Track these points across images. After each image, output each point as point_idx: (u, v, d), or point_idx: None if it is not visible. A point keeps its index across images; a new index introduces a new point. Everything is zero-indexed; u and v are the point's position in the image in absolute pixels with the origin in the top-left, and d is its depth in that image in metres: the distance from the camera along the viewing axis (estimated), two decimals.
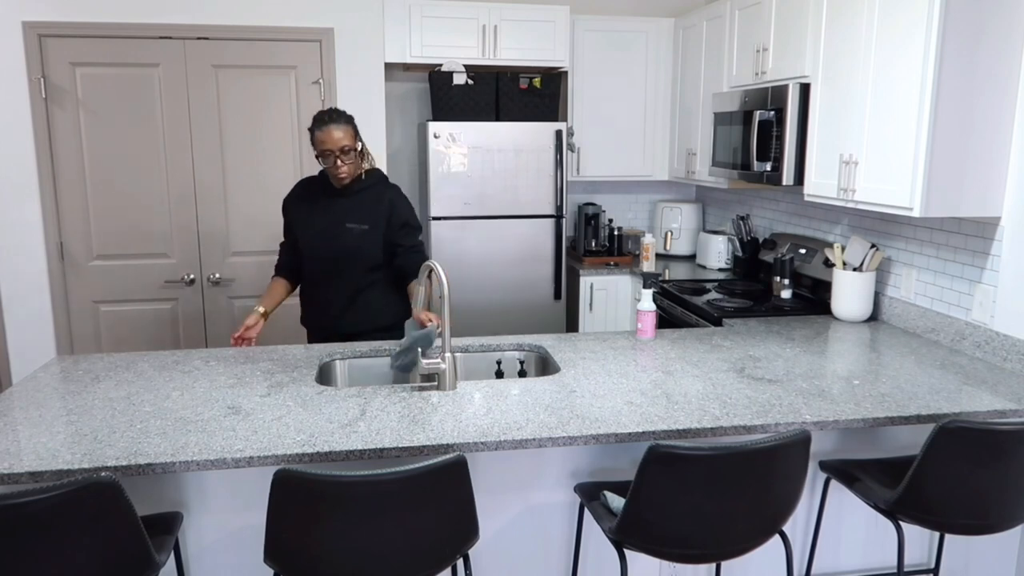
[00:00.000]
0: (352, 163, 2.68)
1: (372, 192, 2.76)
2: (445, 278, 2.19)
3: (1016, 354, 2.40)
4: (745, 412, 2.01)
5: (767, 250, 3.81)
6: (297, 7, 3.73)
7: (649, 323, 2.71)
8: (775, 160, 3.15)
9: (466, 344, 2.66)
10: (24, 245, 3.66)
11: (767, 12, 3.35)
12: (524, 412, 2.00)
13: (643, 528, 1.73)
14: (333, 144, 2.62)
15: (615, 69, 4.41)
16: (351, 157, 2.66)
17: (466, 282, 4.12)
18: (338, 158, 2.64)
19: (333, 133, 2.61)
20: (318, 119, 2.64)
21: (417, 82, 4.50)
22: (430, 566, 1.63)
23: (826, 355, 2.55)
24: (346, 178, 2.69)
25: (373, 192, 2.76)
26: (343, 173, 2.67)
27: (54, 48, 3.57)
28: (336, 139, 2.62)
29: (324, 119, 2.63)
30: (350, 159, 2.66)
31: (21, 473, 1.66)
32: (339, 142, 2.62)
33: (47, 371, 2.37)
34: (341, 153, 2.64)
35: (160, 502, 2.00)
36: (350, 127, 2.66)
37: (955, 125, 2.39)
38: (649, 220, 4.97)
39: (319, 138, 2.62)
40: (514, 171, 4.06)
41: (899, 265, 2.97)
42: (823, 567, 2.40)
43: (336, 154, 2.63)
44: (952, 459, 1.82)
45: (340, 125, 2.63)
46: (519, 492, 2.16)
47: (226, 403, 2.07)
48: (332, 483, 1.50)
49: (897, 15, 2.50)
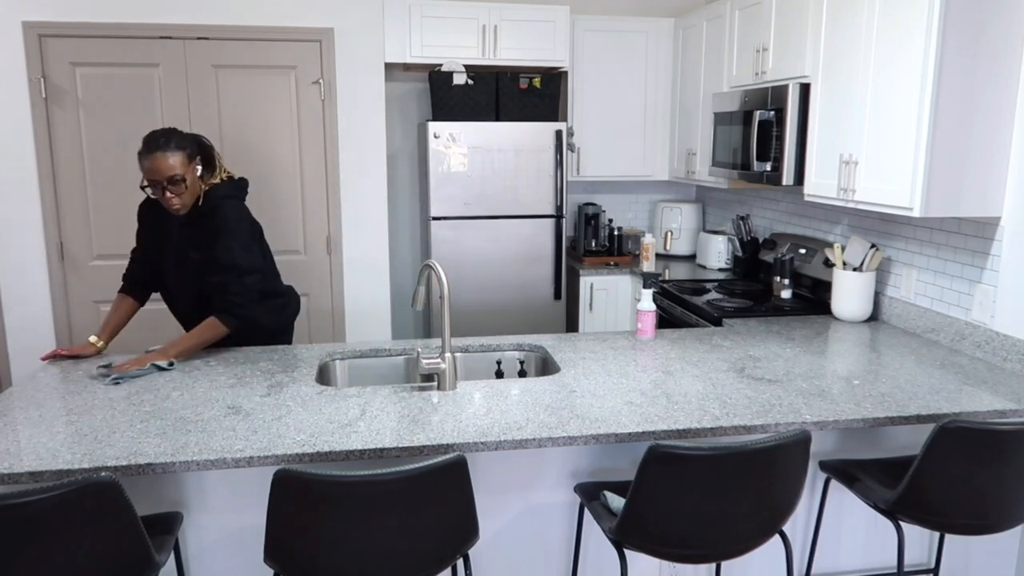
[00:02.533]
0: (183, 194, 2.38)
1: (208, 219, 2.46)
2: (445, 278, 2.19)
3: (1016, 354, 2.40)
4: (745, 412, 2.01)
5: (767, 250, 3.81)
6: (297, 7, 3.73)
7: (649, 323, 2.71)
8: (775, 160, 3.15)
9: (466, 344, 2.66)
10: (24, 245, 3.66)
11: (767, 12, 3.35)
12: (524, 412, 2.00)
13: (643, 528, 1.73)
14: (159, 174, 2.33)
15: (615, 69, 4.41)
16: (181, 188, 2.36)
17: (466, 282, 4.12)
18: (166, 189, 2.35)
19: (159, 162, 2.32)
20: (147, 143, 2.34)
21: (417, 82, 4.50)
22: (430, 566, 1.63)
23: (826, 355, 2.55)
24: (180, 209, 2.41)
25: (209, 219, 2.46)
26: (174, 205, 2.38)
27: (54, 48, 3.57)
28: (162, 169, 2.32)
29: (151, 146, 2.33)
30: (179, 190, 2.36)
31: (21, 473, 1.66)
32: (166, 172, 2.33)
33: (47, 371, 2.36)
34: (170, 184, 2.34)
35: (160, 502, 2.00)
36: (181, 153, 2.36)
37: (955, 125, 2.39)
38: (649, 220, 4.97)
39: (145, 167, 2.33)
40: (514, 171, 4.06)
41: (899, 265, 2.97)
42: (823, 567, 2.40)
43: (163, 184, 2.34)
44: (952, 459, 1.82)
45: (169, 152, 2.33)
46: (519, 492, 2.16)
47: (226, 403, 2.07)
48: (332, 483, 1.50)
49: (897, 15, 2.50)
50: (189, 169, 2.38)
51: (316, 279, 3.98)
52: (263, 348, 2.61)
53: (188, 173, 2.38)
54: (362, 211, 3.96)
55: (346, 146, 3.89)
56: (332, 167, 3.89)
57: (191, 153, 2.40)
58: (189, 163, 2.38)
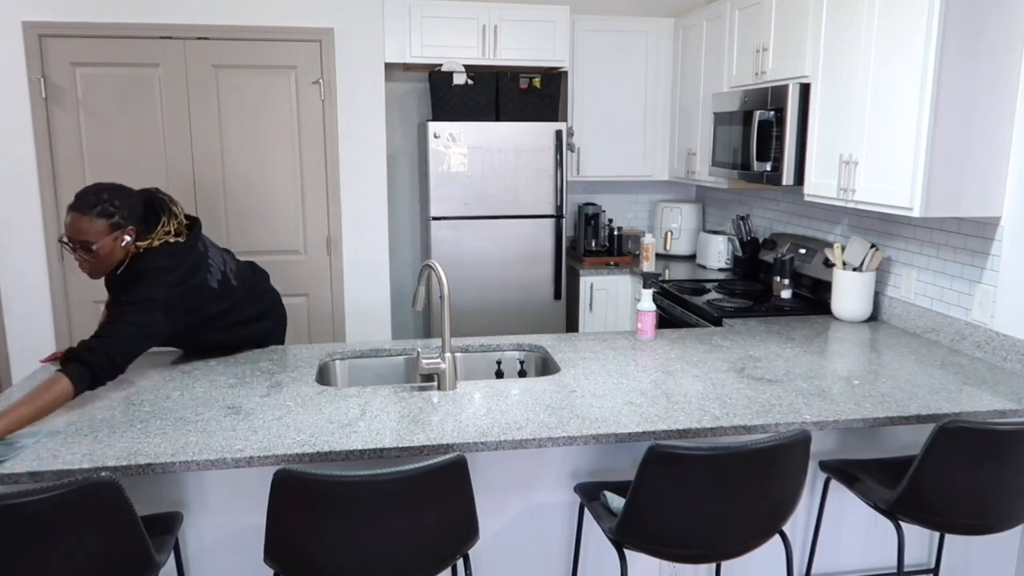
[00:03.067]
0: (93, 262, 2.14)
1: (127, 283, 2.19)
2: (445, 278, 2.19)
3: (1016, 354, 2.40)
4: (745, 412, 2.01)
5: (767, 250, 3.81)
6: (297, 7, 3.73)
7: (649, 323, 2.71)
8: (775, 160, 3.15)
9: (466, 344, 2.66)
10: (24, 245, 3.66)
11: (767, 12, 3.35)
12: (524, 412, 2.00)
13: (643, 528, 1.73)
14: (72, 233, 2.11)
15: (615, 69, 4.41)
16: (92, 255, 2.12)
17: (466, 282, 4.12)
18: (76, 251, 2.13)
19: (75, 223, 2.09)
20: (76, 197, 2.13)
21: (417, 82, 4.50)
22: (430, 566, 1.63)
23: (826, 355, 2.55)
24: (90, 275, 2.18)
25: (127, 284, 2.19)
26: (83, 270, 2.17)
27: (54, 48, 3.57)
28: (75, 231, 2.10)
29: (76, 203, 2.11)
30: (89, 257, 2.13)
31: (21, 473, 1.66)
32: (78, 236, 2.10)
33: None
34: (81, 248, 2.12)
35: (160, 502, 2.00)
36: (103, 221, 2.10)
37: (955, 125, 2.39)
38: (649, 220, 4.97)
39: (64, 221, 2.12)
40: (514, 171, 4.06)
41: (899, 265, 2.97)
42: (823, 567, 2.40)
43: (74, 246, 2.12)
44: (952, 459, 1.82)
45: (88, 217, 2.09)
46: (519, 492, 2.16)
47: (226, 403, 2.07)
48: (332, 483, 1.50)
49: (897, 15, 2.50)
50: (108, 239, 2.13)
51: (316, 279, 3.98)
52: (263, 348, 2.61)
53: (105, 242, 2.13)
54: (362, 211, 3.96)
55: (346, 146, 3.89)
56: (332, 167, 3.89)
57: (116, 223, 2.13)
58: (110, 232, 2.13)
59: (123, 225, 2.15)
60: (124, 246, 2.17)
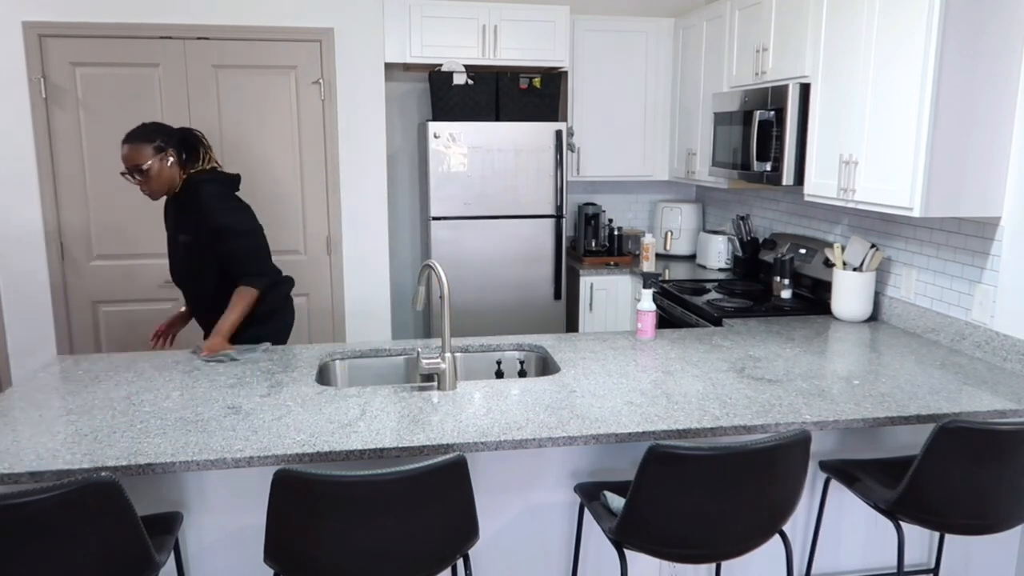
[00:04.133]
0: (150, 182, 2.56)
1: (189, 200, 2.62)
2: (445, 278, 2.19)
3: (1016, 354, 2.40)
4: (745, 412, 2.01)
5: (767, 250, 3.81)
6: (297, 7, 3.73)
7: (649, 323, 2.71)
8: (775, 160, 3.15)
9: (466, 344, 2.66)
10: (24, 245, 3.66)
11: (767, 12, 3.35)
12: (524, 412, 2.00)
13: (643, 528, 1.73)
14: (126, 162, 2.54)
15: (615, 69, 4.41)
16: (146, 177, 2.54)
17: (466, 282, 4.12)
18: (134, 176, 2.55)
19: (125, 152, 2.53)
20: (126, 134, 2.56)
21: (417, 82, 4.50)
22: (430, 566, 1.63)
23: (826, 355, 2.55)
24: (150, 196, 2.60)
25: (190, 200, 2.62)
26: (144, 191, 2.59)
27: (54, 48, 3.57)
28: (127, 158, 2.53)
29: (126, 137, 2.55)
30: (144, 179, 2.55)
31: (21, 473, 1.66)
32: (130, 161, 2.53)
33: (47, 371, 2.37)
34: (136, 172, 2.54)
35: (160, 502, 2.00)
36: (143, 146, 2.53)
37: (955, 125, 2.39)
38: (649, 220, 4.97)
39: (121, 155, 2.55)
40: (514, 171, 4.06)
41: (899, 265, 2.97)
42: (823, 567, 2.40)
43: (131, 172, 2.55)
44: (952, 459, 1.82)
45: (130, 144, 2.52)
46: (519, 492, 2.16)
47: (226, 403, 2.07)
48: (332, 483, 1.50)
49: (897, 15, 2.50)
50: (156, 160, 2.54)
51: (316, 279, 3.98)
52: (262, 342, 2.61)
53: (154, 163, 2.54)
54: (362, 211, 3.96)
55: (346, 146, 3.89)
56: (332, 167, 3.89)
57: (159, 146, 2.54)
58: (155, 155, 2.54)
59: (165, 148, 2.56)
60: (170, 166, 2.58)
